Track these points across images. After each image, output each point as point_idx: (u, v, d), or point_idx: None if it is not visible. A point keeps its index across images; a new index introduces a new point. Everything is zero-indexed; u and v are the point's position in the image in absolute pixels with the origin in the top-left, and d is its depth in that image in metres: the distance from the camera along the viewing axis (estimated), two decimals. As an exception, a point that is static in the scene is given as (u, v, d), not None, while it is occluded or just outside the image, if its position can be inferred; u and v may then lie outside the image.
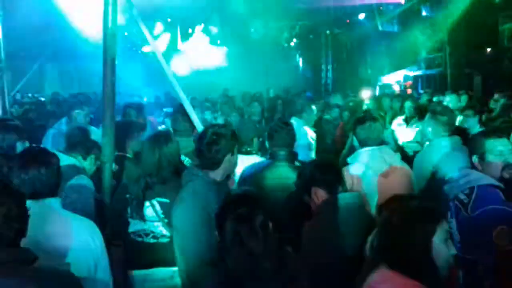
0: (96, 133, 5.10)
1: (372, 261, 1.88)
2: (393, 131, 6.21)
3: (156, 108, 9.08)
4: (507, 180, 2.58)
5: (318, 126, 6.57)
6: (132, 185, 2.97)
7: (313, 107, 6.48)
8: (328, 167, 2.65)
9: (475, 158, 2.69)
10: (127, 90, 11.10)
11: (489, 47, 13.43)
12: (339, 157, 5.15)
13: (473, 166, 2.72)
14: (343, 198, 2.52)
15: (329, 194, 2.52)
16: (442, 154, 3.49)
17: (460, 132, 4.26)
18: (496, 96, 7.47)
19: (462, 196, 2.57)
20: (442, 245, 1.76)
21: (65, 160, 3.11)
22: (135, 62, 16.01)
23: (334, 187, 2.55)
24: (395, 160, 3.37)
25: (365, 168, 3.25)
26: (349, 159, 3.43)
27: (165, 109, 7.98)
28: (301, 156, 3.61)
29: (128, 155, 3.81)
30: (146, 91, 14.10)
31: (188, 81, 11.51)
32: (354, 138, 3.50)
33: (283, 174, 3.18)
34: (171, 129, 3.84)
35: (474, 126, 5.19)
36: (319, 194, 2.53)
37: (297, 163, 3.34)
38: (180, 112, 3.73)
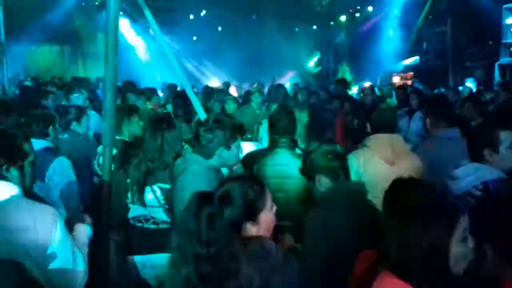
0: (95, 117, 5.09)
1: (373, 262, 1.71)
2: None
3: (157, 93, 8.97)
4: None
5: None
6: (133, 170, 2.95)
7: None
8: (332, 154, 2.62)
9: (484, 150, 2.54)
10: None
11: (490, 41, 13.40)
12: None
13: (475, 159, 2.60)
14: (347, 186, 2.50)
15: (333, 182, 2.50)
16: (441, 146, 3.46)
17: (461, 123, 4.23)
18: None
19: (476, 192, 2.42)
20: (461, 245, 1.49)
21: (38, 144, 3.03)
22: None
23: (338, 174, 2.52)
24: (405, 149, 3.35)
25: (372, 155, 3.24)
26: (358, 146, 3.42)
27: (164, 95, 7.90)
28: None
29: (126, 139, 3.77)
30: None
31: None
32: None
33: (284, 161, 3.16)
34: (172, 114, 3.83)
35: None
36: (323, 182, 2.51)
37: (298, 151, 3.32)
38: (181, 97, 3.70)
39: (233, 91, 10.43)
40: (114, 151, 3.29)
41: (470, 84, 10.95)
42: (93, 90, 9.05)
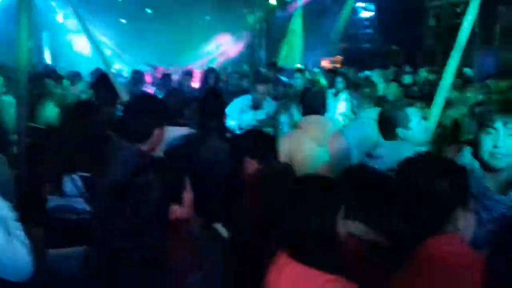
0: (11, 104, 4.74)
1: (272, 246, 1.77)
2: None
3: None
4: None
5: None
6: (50, 158, 2.77)
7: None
8: (260, 136, 2.61)
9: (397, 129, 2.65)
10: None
11: (415, 25, 14.03)
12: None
13: (389, 138, 2.68)
14: (275, 168, 2.49)
15: (261, 164, 2.48)
16: (367, 126, 3.56)
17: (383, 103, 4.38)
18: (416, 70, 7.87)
19: None
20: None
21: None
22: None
23: (266, 157, 2.51)
24: (334, 130, 3.41)
25: (303, 136, 3.28)
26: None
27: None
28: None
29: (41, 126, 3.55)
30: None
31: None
32: None
33: (215, 146, 3.11)
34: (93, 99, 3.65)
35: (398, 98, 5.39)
36: (251, 165, 2.49)
37: (228, 134, 3.29)
38: (102, 80, 3.53)
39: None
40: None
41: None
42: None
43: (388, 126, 2.71)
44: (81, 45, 14.70)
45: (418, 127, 2.65)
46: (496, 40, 11.86)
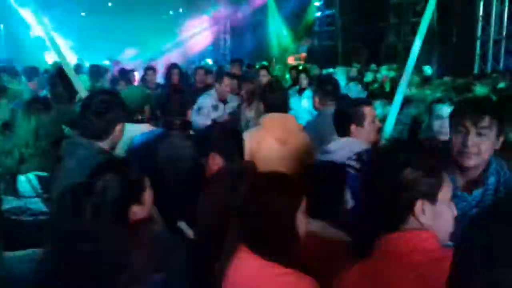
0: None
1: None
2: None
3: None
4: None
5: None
6: (3, 157, 2.65)
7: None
8: (227, 132, 2.59)
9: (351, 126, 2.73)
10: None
11: (377, 23, 14.30)
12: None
13: (342, 134, 2.76)
14: (236, 166, 2.48)
15: (226, 161, 2.46)
16: (329, 123, 3.60)
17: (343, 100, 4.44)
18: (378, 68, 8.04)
19: (353, 163, 2.57)
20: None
21: None
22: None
23: (233, 152, 2.49)
24: (296, 128, 3.42)
25: (265, 134, 3.27)
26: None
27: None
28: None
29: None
30: None
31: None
32: None
33: (177, 144, 3.06)
34: (50, 95, 3.51)
35: (359, 95, 5.51)
36: (216, 160, 2.46)
37: (191, 132, 3.25)
38: (59, 76, 3.40)
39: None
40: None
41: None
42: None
43: (343, 123, 2.77)
44: (39, 39, 14.23)
45: (370, 126, 2.73)
46: (454, 39, 12.23)
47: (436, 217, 1.37)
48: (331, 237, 1.99)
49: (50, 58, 13.08)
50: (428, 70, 9.05)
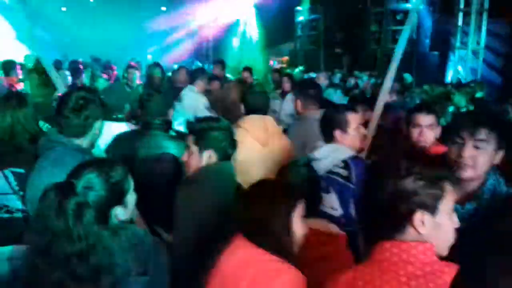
0: None
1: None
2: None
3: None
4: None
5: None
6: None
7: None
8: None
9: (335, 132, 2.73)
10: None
11: (358, 30, 14.47)
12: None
13: (327, 140, 2.76)
14: (217, 165, 2.46)
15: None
16: (311, 127, 3.60)
17: (328, 105, 4.47)
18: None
19: (340, 170, 2.57)
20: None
21: None
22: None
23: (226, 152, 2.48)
24: (277, 130, 3.43)
25: (246, 136, 3.26)
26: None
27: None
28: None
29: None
30: None
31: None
32: None
33: (157, 144, 3.03)
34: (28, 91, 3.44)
35: (340, 101, 5.56)
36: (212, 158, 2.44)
37: (172, 132, 3.22)
38: (37, 71, 3.34)
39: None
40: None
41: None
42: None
43: (327, 129, 2.79)
44: (16, 33, 13.94)
45: (354, 133, 2.74)
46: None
47: (436, 229, 1.34)
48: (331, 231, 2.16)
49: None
50: (408, 77, 9.20)
